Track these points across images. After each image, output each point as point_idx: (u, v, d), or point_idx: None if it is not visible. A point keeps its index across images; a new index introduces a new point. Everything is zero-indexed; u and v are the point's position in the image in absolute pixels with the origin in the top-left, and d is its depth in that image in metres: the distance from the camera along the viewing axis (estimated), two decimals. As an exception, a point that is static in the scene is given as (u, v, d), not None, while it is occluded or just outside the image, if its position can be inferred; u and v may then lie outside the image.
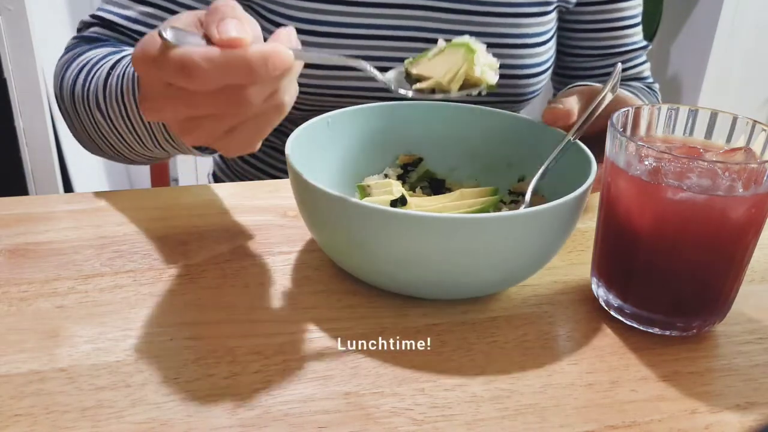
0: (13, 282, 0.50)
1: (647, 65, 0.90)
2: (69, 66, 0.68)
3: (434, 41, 0.74)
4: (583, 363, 0.45)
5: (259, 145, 0.44)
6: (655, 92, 0.89)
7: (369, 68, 0.48)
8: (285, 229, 0.58)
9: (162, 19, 0.72)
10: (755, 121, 0.46)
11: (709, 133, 0.48)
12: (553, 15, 0.80)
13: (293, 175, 0.47)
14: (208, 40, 0.39)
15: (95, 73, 0.64)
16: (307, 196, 0.47)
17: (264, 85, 0.40)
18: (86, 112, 0.64)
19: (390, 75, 0.52)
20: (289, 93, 0.43)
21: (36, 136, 1.46)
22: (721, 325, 0.49)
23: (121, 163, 0.70)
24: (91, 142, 0.68)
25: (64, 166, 1.56)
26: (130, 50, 0.66)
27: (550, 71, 0.81)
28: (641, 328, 0.47)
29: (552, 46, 0.81)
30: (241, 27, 0.38)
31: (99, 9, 0.73)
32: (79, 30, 0.75)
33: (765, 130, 0.46)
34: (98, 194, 0.62)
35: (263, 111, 0.42)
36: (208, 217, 0.59)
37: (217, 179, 0.94)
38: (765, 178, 0.42)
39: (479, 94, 0.51)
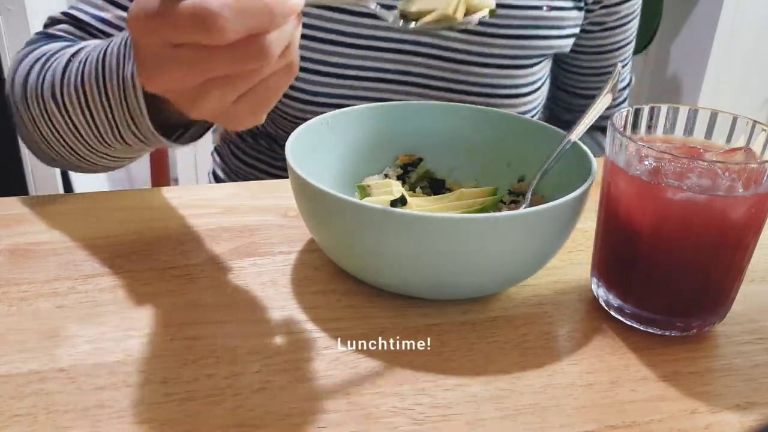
0: (13, 282, 0.50)
1: (628, 76, 0.94)
2: (24, 59, 0.63)
3: (430, 87, 0.76)
4: (583, 363, 0.45)
5: (264, 116, 0.41)
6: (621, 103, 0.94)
7: (374, 5, 0.44)
8: (285, 229, 0.58)
9: None
10: (755, 121, 0.46)
11: (709, 133, 0.48)
12: (547, 61, 0.82)
13: (293, 175, 0.47)
14: None
15: (52, 63, 0.59)
16: (307, 196, 0.47)
17: (282, 33, 0.36)
18: (39, 105, 0.59)
19: (391, 16, 0.46)
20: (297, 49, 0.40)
21: (36, 136, 1.45)
22: (721, 325, 0.49)
23: (77, 171, 0.65)
24: (44, 144, 0.61)
25: (64, 166, 1.56)
26: (92, 41, 0.60)
27: (539, 113, 0.85)
28: (641, 328, 0.47)
29: (543, 90, 0.83)
30: None
31: (72, 7, 0.69)
32: (45, 26, 0.70)
33: (765, 130, 0.46)
34: (98, 194, 0.62)
35: (276, 70, 0.38)
36: (208, 217, 0.59)
37: (217, 178, 0.94)
38: (765, 178, 0.42)
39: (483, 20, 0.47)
